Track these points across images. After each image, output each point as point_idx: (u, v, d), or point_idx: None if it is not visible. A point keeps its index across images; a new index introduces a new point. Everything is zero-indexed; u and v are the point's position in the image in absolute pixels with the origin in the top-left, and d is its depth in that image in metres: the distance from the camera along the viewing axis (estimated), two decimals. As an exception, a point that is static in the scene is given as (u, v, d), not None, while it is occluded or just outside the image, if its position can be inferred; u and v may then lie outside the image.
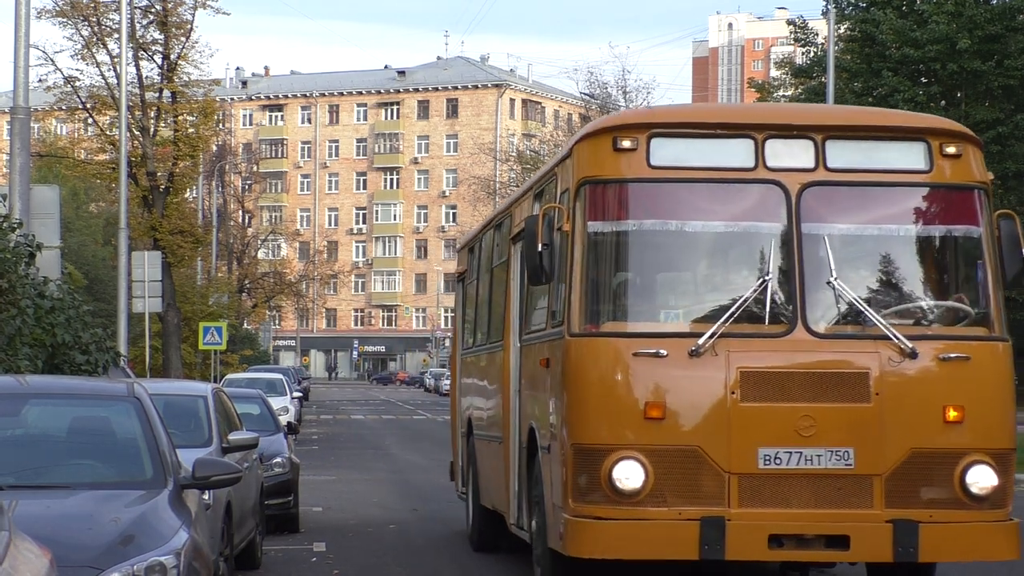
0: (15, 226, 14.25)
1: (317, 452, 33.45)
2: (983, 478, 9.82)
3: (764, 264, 9.94)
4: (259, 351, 78.10)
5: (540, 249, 9.98)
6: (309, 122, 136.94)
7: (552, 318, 10.64)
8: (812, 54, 49.30)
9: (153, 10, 40.30)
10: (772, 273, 9.89)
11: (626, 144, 9.99)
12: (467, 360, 16.10)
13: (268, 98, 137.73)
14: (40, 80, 39.86)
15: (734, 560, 9.79)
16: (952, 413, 9.83)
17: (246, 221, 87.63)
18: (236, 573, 12.62)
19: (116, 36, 37.98)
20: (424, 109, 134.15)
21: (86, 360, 14.46)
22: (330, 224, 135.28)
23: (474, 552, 15.22)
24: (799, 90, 50.01)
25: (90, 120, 41.98)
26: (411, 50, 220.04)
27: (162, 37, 40.43)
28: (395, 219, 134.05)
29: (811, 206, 9.99)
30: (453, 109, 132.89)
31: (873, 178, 10.17)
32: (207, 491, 10.04)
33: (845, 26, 46.71)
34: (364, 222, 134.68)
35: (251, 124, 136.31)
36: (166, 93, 40.62)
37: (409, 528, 17.88)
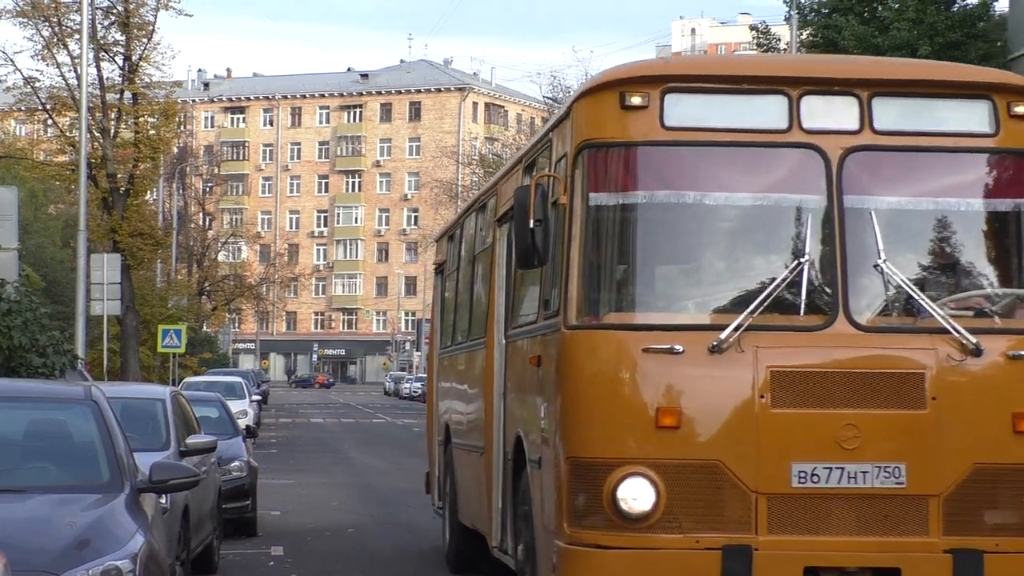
0: (-28, 228, 14.19)
1: (276, 456, 33.38)
2: None
3: (799, 244, 8.37)
4: (218, 354, 77.76)
5: (532, 226, 8.44)
6: (271, 124, 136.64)
7: (545, 308, 9.08)
8: (774, 60, 49.51)
9: (115, 11, 40.09)
10: (808, 254, 8.30)
11: (635, 101, 8.38)
12: (445, 360, 14.72)
13: (230, 100, 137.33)
14: (-1, 80, 39.80)
15: None
16: None
17: (207, 223, 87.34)
18: (193, 577, 12.60)
19: (77, 37, 37.74)
20: (387, 112, 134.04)
21: (43, 363, 14.41)
22: (291, 227, 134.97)
23: (451, 575, 14.05)
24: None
25: (50, 121, 41.71)
26: (374, 53, 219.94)
27: (123, 38, 40.22)
28: (357, 222, 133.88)
29: (855, 175, 8.43)
30: (416, 112, 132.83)
31: (928, 142, 8.59)
32: (164, 495, 10.04)
33: (808, 31, 46.90)
34: (325, 225, 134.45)
35: (213, 126, 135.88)
36: (127, 94, 40.39)
37: (368, 532, 17.89)
